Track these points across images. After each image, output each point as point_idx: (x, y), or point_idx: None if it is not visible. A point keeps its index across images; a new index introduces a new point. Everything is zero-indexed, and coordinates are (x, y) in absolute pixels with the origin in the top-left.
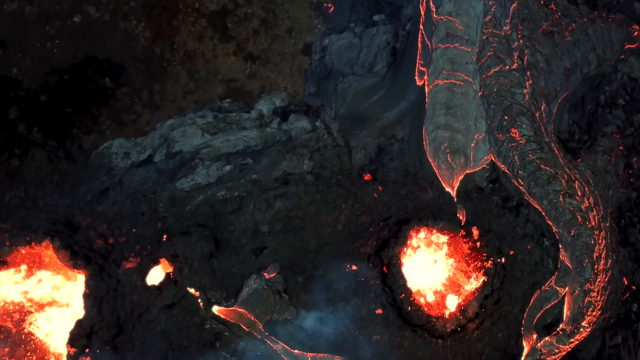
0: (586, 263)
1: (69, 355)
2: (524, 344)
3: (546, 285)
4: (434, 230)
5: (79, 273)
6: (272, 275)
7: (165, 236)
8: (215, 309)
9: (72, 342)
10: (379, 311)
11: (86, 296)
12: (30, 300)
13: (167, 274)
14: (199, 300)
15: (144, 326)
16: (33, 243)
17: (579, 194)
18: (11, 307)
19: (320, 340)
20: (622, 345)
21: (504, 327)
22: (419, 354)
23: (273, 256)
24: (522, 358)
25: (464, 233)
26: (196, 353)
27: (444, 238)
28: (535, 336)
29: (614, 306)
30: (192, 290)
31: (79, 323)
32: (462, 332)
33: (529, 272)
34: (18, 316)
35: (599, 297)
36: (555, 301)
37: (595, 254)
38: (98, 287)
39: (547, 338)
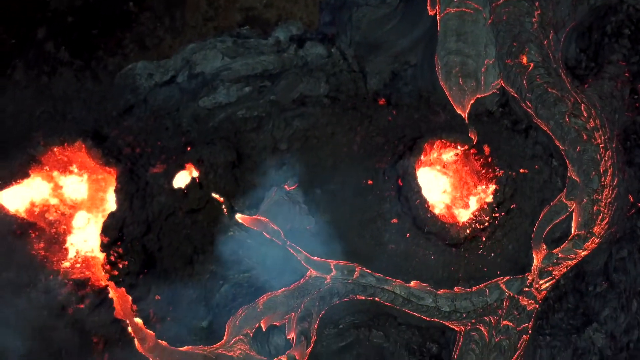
0: (593, 175)
1: (102, 244)
2: (534, 255)
3: (555, 200)
4: (447, 144)
5: (109, 174)
6: (292, 187)
7: (189, 148)
8: (238, 216)
9: (105, 231)
10: (394, 220)
11: (118, 191)
12: (61, 201)
13: (193, 178)
14: (223, 207)
15: (170, 228)
16: (66, 144)
17: (585, 115)
18: (44, 208)
19: (338, 249)
20: (628, 258)
21: (514, 240)
22: (432, 262)
23: (292, 171)
24: (538, 262)
25: (475, 151)
26: (219, 259)
27: (456, 151)
28: (544, 247)
29: (620, 222)
30: (216, 196)
31: (111, 214)
32: (474, 242)
33: (538, 189)
34: (50, 217)
35: (606, 210)
36: (565, 215)
37: (601, 168)
38: (128, 184)
39: (564, 244)
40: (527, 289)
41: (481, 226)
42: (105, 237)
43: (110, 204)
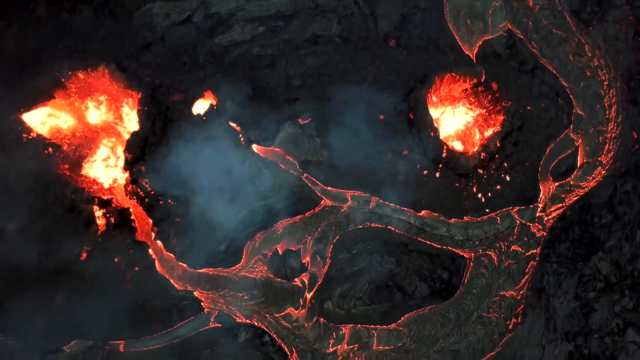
0: (598, 108)
1: (125, 161)
2: (540, 187)
3: (562, 135)
4: (457, 78)
5: (132, 98)
6: (305, 121)
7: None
8: (254, 146)
9: (128, 149)
10: (405, 152)
11: (140, 112)
12: (85, 125)
13: (211, 105)
14: (240, 136)
15: (189, 154)
16: (89, 69)
17: (589, 55)
18: (68, 132)
19: (349, 180)
20: (632, 191)
21: (522, 172)
22: (442, 192)
23: (305, 107)
24: (551, 189)
25: (483, 88)
26: (236, 187)
27: (465, 86)
28: (551, 180)
29: (625, 157)
30: (233, 125)
31: (134, 133)
32: (483, 173)
33: (545, 126)
34: (75, 141)
35: (611, 144)
36: (571, 150)
37: (606, 103)
38: (150, 106)
39: (575, 172)
40: (539, 214)
41: (490, 156)
42: (129, 154)
43: (133, 128)
